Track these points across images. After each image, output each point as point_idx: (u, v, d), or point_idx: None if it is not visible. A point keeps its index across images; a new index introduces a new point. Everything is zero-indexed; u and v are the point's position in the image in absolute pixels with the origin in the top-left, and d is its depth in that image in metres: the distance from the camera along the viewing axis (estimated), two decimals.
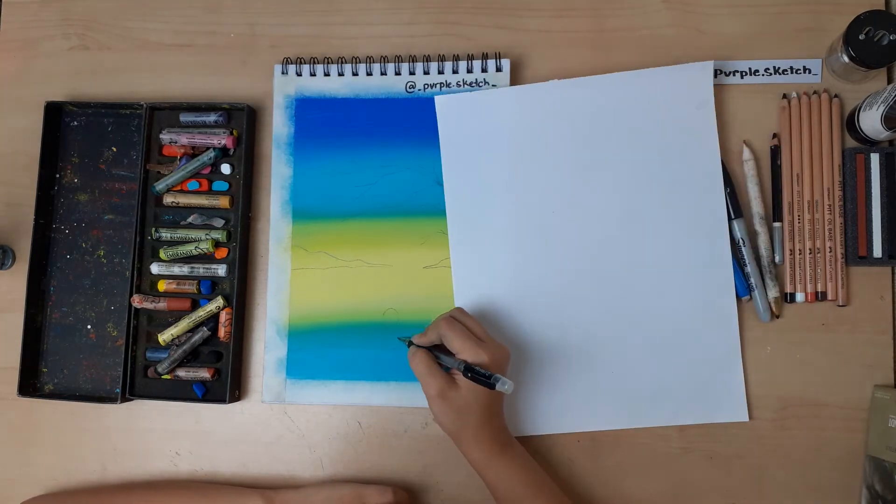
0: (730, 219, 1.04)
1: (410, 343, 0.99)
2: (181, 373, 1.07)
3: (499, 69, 1.07)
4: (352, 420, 1.08)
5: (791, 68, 1.05)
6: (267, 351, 1.08)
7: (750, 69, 1.06)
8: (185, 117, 1.10)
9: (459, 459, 1.04)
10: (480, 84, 1.07)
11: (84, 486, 1.10)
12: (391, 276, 1.07)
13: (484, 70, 1.07)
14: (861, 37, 0.98)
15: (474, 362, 0.92)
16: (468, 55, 1.08)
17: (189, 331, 1.07)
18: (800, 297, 1.03)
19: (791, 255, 1.03)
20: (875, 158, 1.02)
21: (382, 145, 1.09)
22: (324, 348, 1.07)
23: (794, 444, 1.03)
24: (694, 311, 1.04)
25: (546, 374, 1.04)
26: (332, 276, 1.08)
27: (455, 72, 1.08)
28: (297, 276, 1.08)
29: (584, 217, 1.06)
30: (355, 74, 1.10)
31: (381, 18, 1.12)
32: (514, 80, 1.08)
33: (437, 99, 1.08)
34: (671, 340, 1.04)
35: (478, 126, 1.07)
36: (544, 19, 1.10)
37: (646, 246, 1.05)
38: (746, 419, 1.03)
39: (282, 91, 1.11)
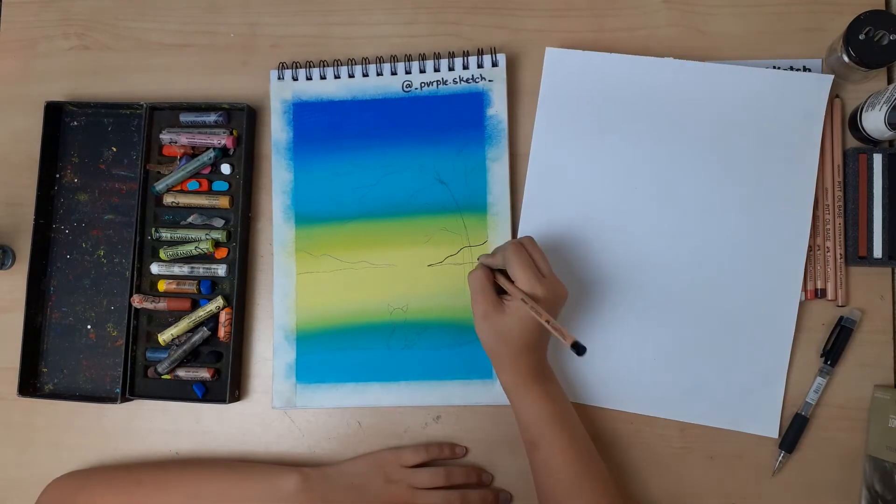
0: None
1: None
2: (181, 373, 1.07)
3: (495, 64, 1.07)
4: (352, 420, 1.08)
5: (791, 68, 1.05)
6: (275, 356, 1.08)
7: None
8: (185, 117, 1.09)
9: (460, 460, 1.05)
10: (477, 80, 1.07)
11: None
12: (397, 276, 1.07)
13: (480, 66, 1.07)
14: (861, 37, 0.98)
15: (529, 294, 0.91)
16: (464, 52, 1.08)
17: (189, 331, 1.07)
18: (800, 296, 1.03)
19: None
20: (878, 159, 1.01)
21: (382, 146, 1.09)
22: (332, 351, 1.07)
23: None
24: (752, 318, 1.03)
25: (592, 345, 1.03)
26: (338, 278, 1.08)
27: (451, 69, 1.08)
28: (302, 281, 1.08)
29: (663, 200, 1.05)
30: (351, 76, 1.09)
31: (382, 18, 1.12)
32: (511, 76, 1.08)
33: (548, 50, 1.07)
34: (722, 340, 1.03)
35: (582, 85, 1.07)
36: (544, 19, 1.10)
37: (718, 244, 1.04)
38: (776, 436, 1.02)
39: (279, 96, 1.10)
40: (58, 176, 1.13)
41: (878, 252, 1.01)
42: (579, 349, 0.85)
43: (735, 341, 1.03)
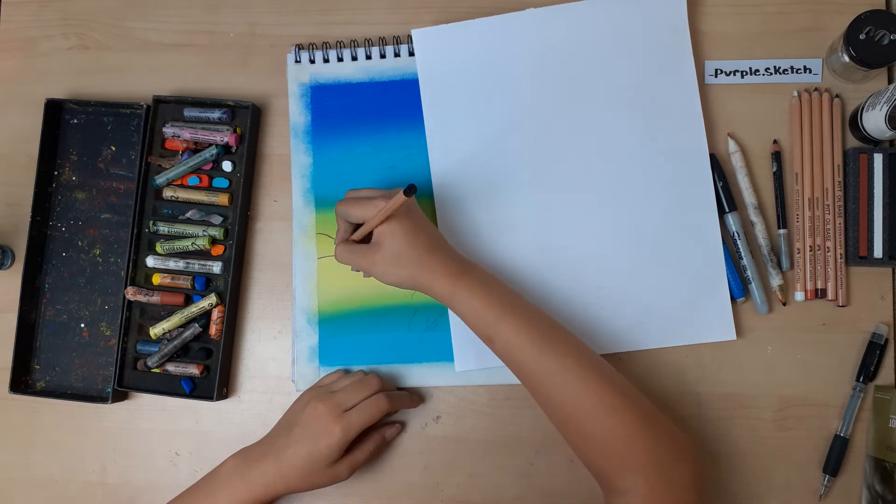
0: (723, 212, 1.04)
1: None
2: (170, 367, 1.07)
3: None
4: None
5: (791, 68, 1.06)
6: (298, 340, 1.07)
7: (750, 69, 1.06)
8: (189, 112, 1.09)
9: (460, 459, 1.05)
10: None
11: (84, 486, 1.10)
12: None
13: None
14: (861, 36, 0.98)
15: (375, 217, 0.93)
16: None
17: (181, 326, 1.07)
18: (799, 295, 1.03)
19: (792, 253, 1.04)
20: (878, 159, 1.01)
21: (400, 127, 1.09)
22: (355, 334, 1.07)
23: (794, 444, 1.02)
24: (676, 231, 1.04)
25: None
26: None
27: None
28: (323, 264, 1.08)
29: (564, 145, 1.06)
30: (368, 58, 1.10)
31: (382, 18, 1.12)
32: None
33: (414, 32, 1.08)
34: (654, 263, 1.04)
35: (456, 58, 1.08)
36: None
37: (626, 170, 1.05)
38: (734, 338, 1.03)
39: (296, 80, 1.10)
40: (56, 173, 1.12)
41: (878, 252, 1.01)
42: (410, 190, 0.87)
43: (667, 261, 1.04)
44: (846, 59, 1.00)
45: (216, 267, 1.07)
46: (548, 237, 1.05)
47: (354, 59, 1.10)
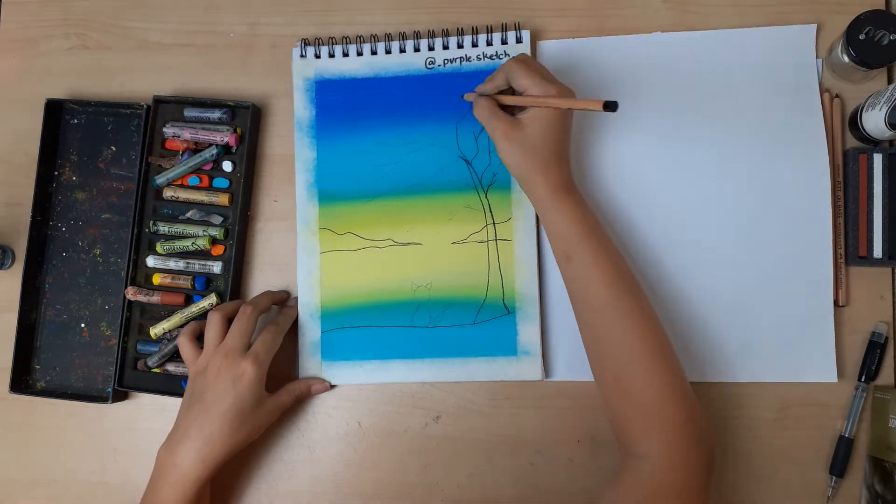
0: None
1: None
2: (170, 367, 1.07)
3: (519, 40, 1.07)
4: (352, 420, 1.07)
5: None
6: (300, 334, 1.07)
7: None
8: (189, 112, 1.09)
9: (459, 459, 1.05)
10: (501, 56, 1.07)
11: (84, 486, 1.10)
12: (420, 254, 1.07)
13: (504, 42, 1.07)
14: (861, 37, 0.98)
15: (543, 95, 0.92)
16: (487, 27, 1.08)
17: (181, 326, 1.06)
18: None
19: None
20: (878, 159, 1.01)
21: (405, 123, 1.09)
22: (357, 329, 1.07)
23: (794, 444, 1.02)
24: (787, 267, 1.03)
25: None
26: (362, 256, 1.08)
27: (475, 45, 1.08)
28: (326, 259, 1.08)
29: (679, 166, 1.05)
30: (374, 53, 1.09)
31: (382, 18, 1.12)
32: (535, 51, 1.09)
33: (541, 44, 1.09)
34: (762, 294, 1.03)
35: (578, 73, 1.08)
36: (544, 19, 1.10)
37: (742, 199, 1.04)
38: (835, 380, 1.02)
39: (301, 74, 1.10)
40: (56, 174, 1.12)
41: (878, 252, 1.01)
42: (612, 106, 0.85)
43: (774, 294, 1.03)
44: (846, 59, 1.00)
45: (216, 267, 1.07)
46: (654, 254, 1.05)
47: (360, 54, 1.10)
